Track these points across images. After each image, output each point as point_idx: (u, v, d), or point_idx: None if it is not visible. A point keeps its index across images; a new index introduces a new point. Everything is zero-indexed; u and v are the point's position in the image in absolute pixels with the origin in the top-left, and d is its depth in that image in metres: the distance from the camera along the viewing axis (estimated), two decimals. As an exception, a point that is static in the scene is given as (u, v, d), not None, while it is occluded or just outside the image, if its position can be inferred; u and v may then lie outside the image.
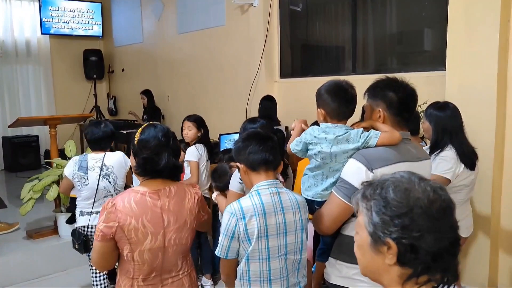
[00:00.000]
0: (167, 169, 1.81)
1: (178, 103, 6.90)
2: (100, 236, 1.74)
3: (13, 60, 7.80)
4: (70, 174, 3.02)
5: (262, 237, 1.70)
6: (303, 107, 4.71)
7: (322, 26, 5.31)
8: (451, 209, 0.98)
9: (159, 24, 7.16)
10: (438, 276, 0.98)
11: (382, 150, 1.77)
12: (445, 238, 0.96)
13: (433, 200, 0.96)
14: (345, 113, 1.88)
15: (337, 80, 1.91)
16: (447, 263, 0.98)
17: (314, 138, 1.87)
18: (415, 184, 0.99)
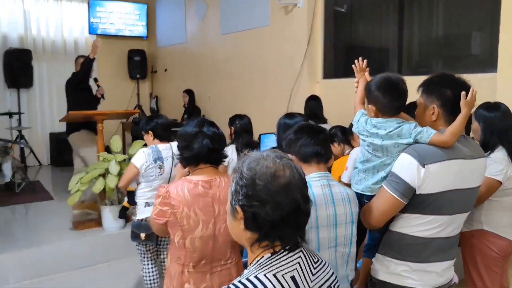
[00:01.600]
0: (203, 153, 1.90)
1: (219, 103, 6.97)
2: (154, 219, 1.89)
3: (62, 59, 8.10)
4: (143, 166, 3.05)
5: (312, 227, 1.69)
6: (345, 108, 4.64)
7: (366, 27, 5.25)
8: (292, 185, 1.10)
9: (203, 25, 7.26)
10: (277, 243, 1.12)
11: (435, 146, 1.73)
12: (284, 209, 1.08)
13: (276, 176, 1.09)
14: (397, 108, 1.85)
15: (386, 74, 1.87)
16: (285, 232, 1.11)
17: (365, 131, 1.86)
18: (268, 160, 1.12)
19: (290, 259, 1.13)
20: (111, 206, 4.21)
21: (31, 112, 7.80)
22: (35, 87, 7.84)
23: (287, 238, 1.13)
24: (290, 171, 1.12)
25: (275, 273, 1.09)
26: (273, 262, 1.12)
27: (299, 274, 1.13)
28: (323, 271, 1.22)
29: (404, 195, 1.71)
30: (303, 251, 1.18)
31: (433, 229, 1.74)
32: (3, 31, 7.58)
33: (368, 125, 1.85)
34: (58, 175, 7.27)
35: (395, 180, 1.72)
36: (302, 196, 1.12)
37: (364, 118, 1.90)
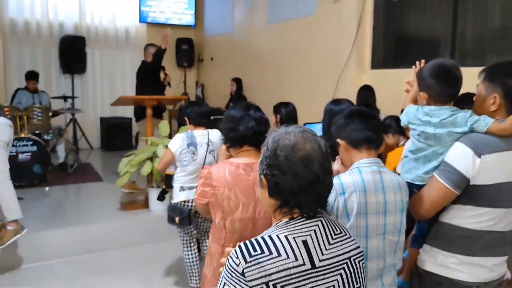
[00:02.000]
0: (248, 135, 1.92)
1: (264, 92, 6.98)
2: (197, 199, 1.94)
3: (114, 46, 8.39)
4: (177, 150, 3.12)
5: (361, 214, 1.66)
6: (394, 98, 4.53)
7: (418, 17, 5.08)
8: (311, 157, 1.16)
9: (250, 14, 7.28)
10: (296, 210, 1.19)
11: (492, 135, 1.66)
12: (302, 179, 1.15)
13: (296, 148, 1.16)
14: (451, 96, 1.78)
15: (439, 60, 1.80)
16: (304, 200, 1.17)
17: (417, 119, 1.80)
18: (291, 134, 1.19)
19: (306, 225, 1.19)
20: (157, 188, 4.34)
21: (84, 97, 8.14)
22: (88, 73, 8.17)
23: (306, 206, 1.19)
24: (311, 144, 1.17)
25: (287, 235, 1.16)
26: (289, 226, 1.19)
27: (312, 240, 1.17)
28: (344, 242, 1.23)
29: (457, 185, 1.66)
30: (324, 221, 1.22)
31: (485, 222, 1.68)
32: (60, 19, 7.92)
33: (420, 113, 1.80)
34: (108, 158, 7.56)
35: (448, 170, 1.67)
36: (322, 168, 1.17)
37: (415, 107, 1.85)
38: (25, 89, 6.38)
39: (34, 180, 5.38)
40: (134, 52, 8.59)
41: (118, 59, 8.50)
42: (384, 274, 1.74)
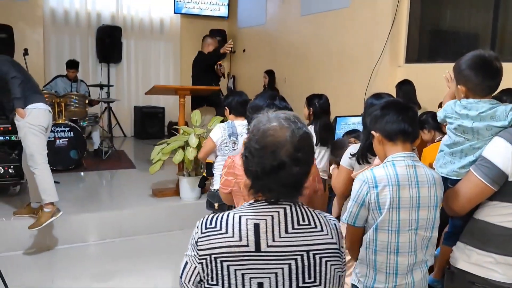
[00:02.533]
0: None
1: (295, 85, 6.96)
2: (221, 188, 1.98)
3: (148, 37, 8.54)
4: (219, 140, 3.16)
5: (394, 208, 1.64)
6: (429, 93, 4.47)
7: (456, 10, 4.95)
8: (279, 145, 1.17)
9: (283, 6, 7.25)
10: (259, 194, 1.22)
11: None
12: (265, 165, 1.17)
13: (266, 134, 1.19)
14: (491, 88, 1.74)
15: (478, 51, 1.76)
16: (267, 185, 1.20)
17: (454, 113, 1.77)
18: (270, 120, 1.22)
19: (264, 209, 1.21)
20: (188, 177, 4.42)
21: (118, 85, 8.32)
22: (123, 62, 8.34)
23: (267, 191, 1.21)
24: (285, 132, 1.18)
25: (241, 215, 1.21)
26: (249, 207, 1.23)
27: (266, 225, 1.19)
28: (307, 234, 1.21)
29: (495, 181, 1.62)
30: (291, 209, 1.22)
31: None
32: (98, 8, 8.11)
33: (458, 106, 1.76)
34: (140, 146, 7.74)
35: (486, 165, 1.63)
36: (289, 157, 1.17)
37: (453, 101, 1.81)
38: (65, 76, 6.58)
39: (71, 165, 5.57)
40: (168, 42, 8.74)
41: (153, 49, 8.64)
42: (415, 270, 1.72)
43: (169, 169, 4.83)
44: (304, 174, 1.22)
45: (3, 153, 4.40)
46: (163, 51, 8.72)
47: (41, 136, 3.65)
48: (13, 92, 3.54)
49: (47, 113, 3.74)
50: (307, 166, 1.23)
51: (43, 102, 3.73)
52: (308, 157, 1.23)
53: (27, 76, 3.79)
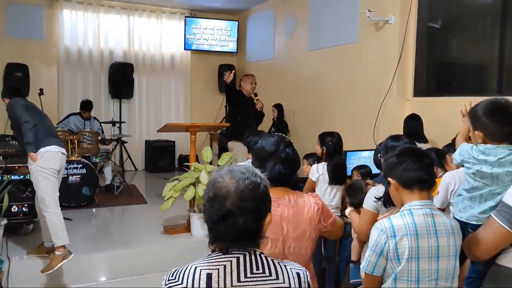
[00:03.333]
0: (274, 176, 1.83)
1: (304, 118, 7.02)
2: None
3: (159, 73, 8.73)
4: None
5: (413, 258, 1.62)
6: (437, 126, 4.48)
7: (463, 43, 5.00)
8: (225, 195, 1.23)
9: (291, 41, 7.40)
10: (215, 244, 1.29)
11: None
12: (213, 215, 1.24)
13: (214, 186, 1.26)
14: (508, 134, 1.75)
15: (494, 98, 1.79)
16: (218, 234, 1.26)
17: (472, 158, 1.78)
18: (223, 172, 1.29)
19: (218, 259, 1.27)
20: (199, 213, 4.43)
21: (130, 121, 8.46)
22: (134, 98, 8.51)
23: (219, 241, 1.28)
24: (232, 183, 1.25)
25: (197, 266, 1.27)
26: (206, 258, 1.30)
27: (218, 274, 1.24)
28: (261, 283, 1.25)
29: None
30: (245, 257, 1.27)
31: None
32: (110, 46, 8.34)
33: (475, 151, 1.77)
34: (151, 180, 7.79)
35: (507, 211, 1.62)
36: (238, 208, 1.23)
37: (469, 145, 1.83)
38: (79, 114, 6.72)
39: (83, 202, 5.62)
40: (179, 78, 8.91)
41: (163, 84, 8.82)
42: None
43: (181, 204, 4.85)
44: (253, 223, 1.26)
45: (17, 191, 4.46)
46: (173, 87, 8.89)
47: (53, 179, 3.69)
48: (25, 136, 3.61)
49: (60, 155, 3.77)
50: (256, 215, 1.26)
51: (56, 145, 3.76)
52: (256, 206, 1.26)
53: (41, 119, 3.84)
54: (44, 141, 3.69)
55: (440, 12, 5.09)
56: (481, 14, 4.74)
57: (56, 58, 7.91)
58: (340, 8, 6.09)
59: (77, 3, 7.98)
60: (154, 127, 7.73)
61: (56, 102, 7.84)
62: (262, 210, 1.28)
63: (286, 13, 7.47)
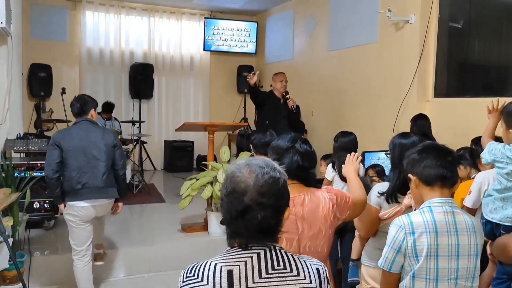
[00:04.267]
0: (291, 169, 1.83)
1: (322, 119, 7.00)
2: None
3: (179, 73, 8.81)
4: None
5: (432, 256, 1.60)
6: (458, 128, 4.41)
7: (484, 43, 4.92)
8: (244, 190, 1.21)
9: (310, 41, 7.38)
10: (234, 239, 1.26)
11: None
12: (232, 210, 1.22)
13: (232, 180, 1.24)
14: None
15: None
16: (237, 229, 1.24)
17: (505, 157, 1.75)
18: (241, 166, 1.26)
19: (238, 255, 1.24)
20: (217, 212, 4.45)
21: (150, 121, 8.56)
22: (154, 98, 8.60)
23: (237, 236, 1.25)
24: (251, 177, 1.23)
25: (216, 263, 1.25)
26: (225, 255, 1.27)
27: (239, 271, 1.21)
28: (283, 279, 1.22)
29: None
30: (265, 253, 1.25)
31: None
32: (131, 47, 8.46)
33: (508, 150, 1.74)
34: (170, 179, 7.86)
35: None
36: (254, 202, 1.21)
37: (501, 144, 1.79)
38: (99, 114, 6.84)
39: (103, 199, 5.69)
40: (198, 78, 8.99)
41: (183, 85, 8.90)
42: None
43: (198, 203, 4.88)
44: (272, 218, 1.24)
45: (39, 188, 4.56)
46: (193, 87, 8.96)
47: (81, 228, 3.37)
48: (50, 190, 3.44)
49: (90, 209, 3.35)
50: (275, 210, 1.25)
51: (86, 199, 3.30)
52: (276, 201, 1.24)
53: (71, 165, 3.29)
54: (71, 196, 3.32)
55: (461, 12, 5.02)
56: (503, 14, 4.65)
57: (79, 59, 8.06)
58: (360, 8, 6.05)
59: (99, 4, 8.13)
60: (173, 127, 7.80)
61: (78, 102, 7.98)
62: (281, 205, 1.27)
63: (306, 14, 7.46)
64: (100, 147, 3.36)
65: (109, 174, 3.41)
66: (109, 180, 3.40)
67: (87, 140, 3.34)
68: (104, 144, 3.39)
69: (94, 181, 3.31)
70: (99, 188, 3.33)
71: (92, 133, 3.40)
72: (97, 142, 3.37)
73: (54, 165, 3.24)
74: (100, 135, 3.41)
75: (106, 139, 3.41)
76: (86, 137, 3.35)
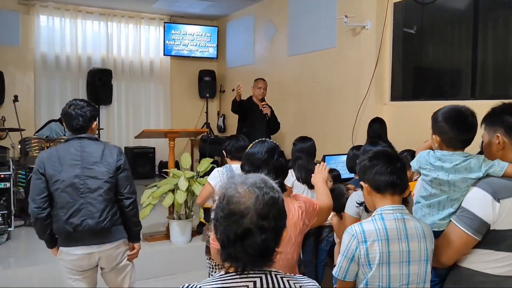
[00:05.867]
0: None
1: (285, 123, 7.01)
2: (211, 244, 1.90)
3: (139, 78, 8.66)
4: (217, 184, 3.11)
5: (384, 263, 1.62)
6: (413, 131, 4.54)
7: (437, 48, 5.11)
8: (244, 212, 1.14)
9: (271, 47, 7.44)
10: (229, 263, 1.18)
11: (511, 179, 1.66)
12: (230, 234, 1.14)
13: (230, 202, 1.16)
14: (463, 142, 1.79)
15: (456, 106, 1.82)
16: (234, 253, 1.15)
17: (429, 164, 1.80)
18: (238, 186, 1.19)
19: (234, 281, 1.17)
20: (179, 220, 4.39)
21: (109, 127, 8.36)
22: (113, 104, 8.40)
23: (235, 260, 1.17)
24: (250, 198, 1.15)
25: None
26: (219, 279, 1.19)
27: None
28: None
29: (478, 231, 1.65)
30: (265, 279, 1.18)
31: (506, 267, 1.66)
32: (89, 52, 8.24)
33: (432, 157, 1.80)
34: (131, 187, 7.68)
35: (468, 216, 1.66)
36: (255, 225, 1.14)
37: (426, 151, 1.85)
38: (59, 121, 6.62)
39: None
40: (159, 83, 8.86)
41: (143, 90, 8.75)
42: None
43: (160, 211, 4.79)
44: (272, 241, 1.18)
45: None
46: (153, 93, 8.83)
47: (76, 280, 2.69)
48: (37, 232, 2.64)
49: (87, 257, 2.59)
50: (275, 233, 1.18)
51: (81, 245, 2.54)
52: (276, 223, 1.18)
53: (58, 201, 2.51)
54: (63, 241, 2.60)
55: (414, 17, 5.19)
56: (454, 20, 4.85)
57: (33, 64, 7.77)
58: (318, 14, 6.15)
59: (54, 8, 7.87)
60: (133, 133, 7.64)
61: (33, 109, 7.70)
62: (281, 226, 1.21)
63: (266, 19, 7.51)
64: (98, 174, 2.53)
65: (111, 209, 2.57)
66: (112, 217, 2.56)
67: (81, 165, 2.51)
68: (104, 170, 2.54)
69: (89, 221, 2.49)
70: (98, 230, 2.51)
71: (89, 155, 2.54)
72: (95, 167, 2.53)
73: (39, 201, 2.47)
74: (98, 156, 2.55)
75: (107, 161, 2.56)
76: (79, 161, 2.52)
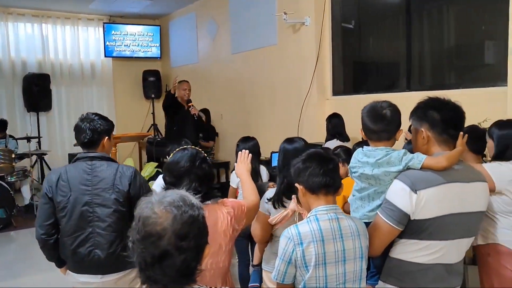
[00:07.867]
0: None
1: (231, 121, 7.04)
2: None
3: (79, 82, 8.36)
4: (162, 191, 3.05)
5: (320, 264, 1.65)
6: (356, 124, 4.65)
7: (375, 42, 5.26)
8: (159, 234, 1.11)
9: (214, 45, 7.39)
10: (150, 284, 1.15)
11: (429, 171, 1.73)
12: (148, 255, 1.11)
13: (146, 223, 1.12)
14: (379, 135, 1.86)
15: (374, 102, 1.91)
16: (152, 276, 1.13)
17: (357, 162, 1.87)
18: (154, 205, 1.15)
19: None
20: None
21: (51, 134, 8.02)
22: (53, 110, 8.07)
23: (155, 282, 1.14)
24: (168, 220, 1.12)
25: None
26: None
27: None
28: None
29: (399, 222, 1.71)
30: None
31: (431, 255, 1.73)
32: (22, 56, 7.85)
33: (360, 154, 1.87)
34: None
35: (390, 208, 1.73)
36: (176, 248, 1.11)
37: (358, 149, 1.92)
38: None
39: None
40: (101, 86, 8.59)
41: (85, 94, 8.46)
42: None
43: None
44: (193, 260, 1.16)
45: None
46: (96, 96, 8.56)
47: None
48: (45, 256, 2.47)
49: (93, 284, 2.36)
50: (196, 252, 1.16)
51: (88, 273, 2.31)
52: (197, 242, 1.15)
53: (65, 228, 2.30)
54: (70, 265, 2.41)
55: (352, 12, 5.31)
56: (390, 14, 5.00)
57: (-39, 72, 7.31)
58: (258, 11, 6.17)
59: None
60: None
61: (-37, 120, 7.23)
62: (201, 244, 1.18)
63: (208, 17, 7.45)
64: (108, 201, 2.26)
65: (121, 242, 2.24)
66: (121, 251, 2.22)
67: (91, 191, 2.26)
68: (114, 198, 2.26)
69: (97, 252, 2.25)
70: (106, 261, 2.26)
71: (99, 180, 2.28)
72: (105, 194, 2.26)
73: (45, 227, 2.28)
74: (110, 182, 2.27)
75: (118, 188, 2.27)
76: (89, 187, 2.27)
